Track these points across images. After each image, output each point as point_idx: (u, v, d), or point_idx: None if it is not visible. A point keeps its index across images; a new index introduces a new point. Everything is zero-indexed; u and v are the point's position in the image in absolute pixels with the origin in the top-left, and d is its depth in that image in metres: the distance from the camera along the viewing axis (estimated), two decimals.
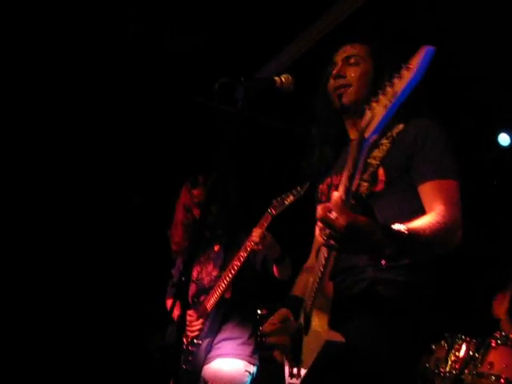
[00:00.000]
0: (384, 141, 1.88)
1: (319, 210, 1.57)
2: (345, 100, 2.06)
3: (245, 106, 1.88)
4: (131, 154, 4.92)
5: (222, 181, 3.01)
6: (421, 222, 1.70)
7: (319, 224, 1.59)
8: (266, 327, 2.05)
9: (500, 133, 4.69)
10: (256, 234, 3.14)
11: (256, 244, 3.13)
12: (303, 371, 1.93)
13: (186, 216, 3.53)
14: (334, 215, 1.55)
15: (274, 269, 3.26)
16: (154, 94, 4.60)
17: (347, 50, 2.12)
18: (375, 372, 1.76)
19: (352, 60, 2.09)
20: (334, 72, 2.09)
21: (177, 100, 4.57)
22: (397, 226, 1.62)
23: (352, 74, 2.07)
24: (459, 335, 3.47)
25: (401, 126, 1.89)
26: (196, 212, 3.49)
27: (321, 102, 2.17)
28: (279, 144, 4.83)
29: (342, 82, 2.08)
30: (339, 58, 2.12)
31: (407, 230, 1.62)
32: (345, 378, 1.78)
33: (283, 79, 1.99)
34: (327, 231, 1.56)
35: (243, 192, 3.62)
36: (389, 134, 1.88)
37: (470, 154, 4.10)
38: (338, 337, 1.73)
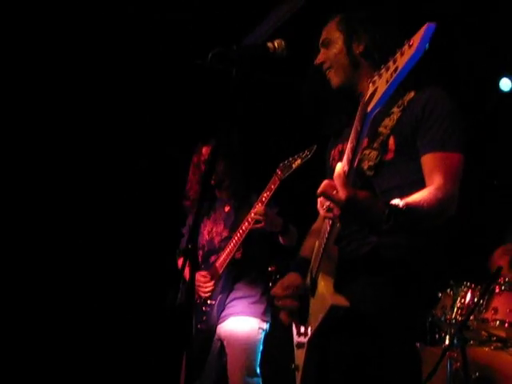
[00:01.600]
0: (395, 109, 1.92)
1: (322, 184, 1.63)
2: (332, 84, 2.10)
3: (239, 73, 1.91)
4: (138, 119, 4.91)
5: (226, 139, 3.05)
6: (419, 197, 1.74)
7: (320, 198, 1.65)
8: (277, 290, 2.08)
9: (502, 78, 4.65)
10: (257, 211, 3.19)
11: (257, 222, 3.19)
12: (310, 331, 2.00)
13: (195, 173, 3.59)
14: (334, 189, 1.60)
15: (280, 239, 3.33)
16: (157, 62, 4.57)
17: (322, 34, 2.14)
18: (378, 332, 1.83)
19: (325, 42, 2.12)
20: (316, 61, 2.13)
21: (180, 66, 4.52)
22: (395, 201, 1.66)
23: (328, 56, 2.10)
24: (464, 282, 3.53)
25: (412, 94, 1.93)
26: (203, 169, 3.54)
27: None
28: (285, 103, 4.81)
29: (325, 67, 2.11)
30: (320, 44, 2.14)
31: (405, 206, 1.66)
32: (349, 339, 1.86)
33: (276, 45, 2.01)
34: (327, 204, 1.63)
35: (252, 152, 3.63)
36: (400, 102, 1.92)
37: (471, 99, 4.07)
38: (342, 301, 1.80)
